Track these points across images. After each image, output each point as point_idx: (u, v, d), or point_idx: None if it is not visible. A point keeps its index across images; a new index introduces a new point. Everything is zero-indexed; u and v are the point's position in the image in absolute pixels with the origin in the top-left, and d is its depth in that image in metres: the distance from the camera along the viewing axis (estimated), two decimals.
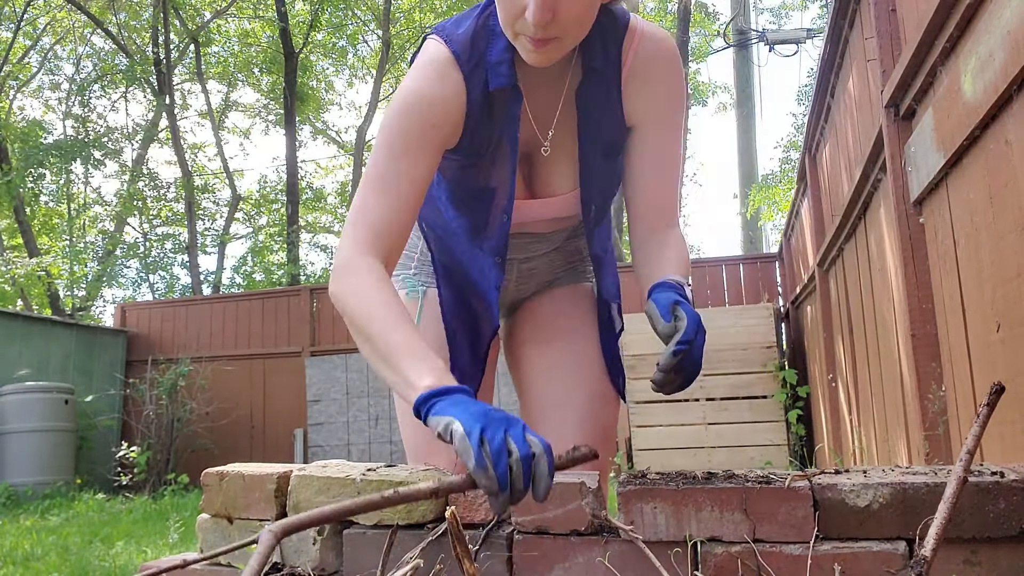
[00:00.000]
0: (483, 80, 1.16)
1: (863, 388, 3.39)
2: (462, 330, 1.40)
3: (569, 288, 1.50)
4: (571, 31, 1.07)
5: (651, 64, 1.22)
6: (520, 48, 1.10)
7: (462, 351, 1.38)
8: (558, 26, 1.04)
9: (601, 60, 1.19)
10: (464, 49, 1.16)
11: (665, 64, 1.22)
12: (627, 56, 1.20)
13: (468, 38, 1.16)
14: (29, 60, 15.79)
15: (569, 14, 1.04)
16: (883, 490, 0.89)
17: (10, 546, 3.93)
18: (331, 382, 7.53)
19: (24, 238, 12.36)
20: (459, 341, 1.39)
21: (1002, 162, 1.43)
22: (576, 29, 1.08)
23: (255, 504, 1.11)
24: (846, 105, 3.32)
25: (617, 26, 1.20)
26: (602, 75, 1.20)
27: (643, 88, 1.22)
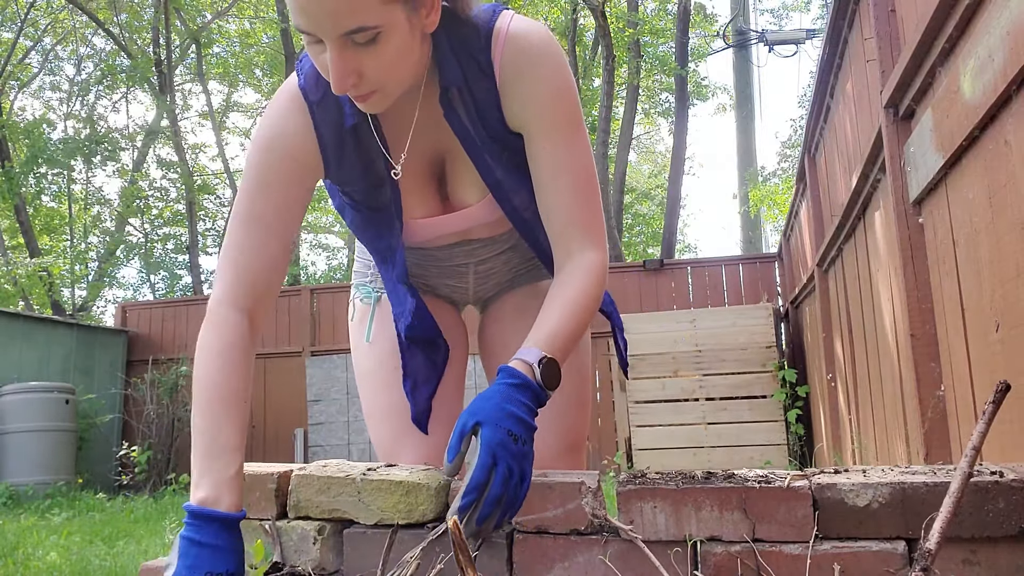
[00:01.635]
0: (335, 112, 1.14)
1: (862, 388, 3.39)
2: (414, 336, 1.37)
3: (531, 287, 1.47)
4: (386, 82, 1.03)
5: (518, 67, 1.11)
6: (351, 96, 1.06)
7: (416, 353, 1.36)
8: (368, 83, 1.01)
9: (459, 78, 1.12)
10: (310, 80, 1.13)
11: (533, 65, 1.11)
12: (496, 63, 1.12)
13: (314, 69, 1.13)
14: (30, 61, 15.80)
15: (376, 70, 1.00)
16: (882, 490, 0.90)
17: (11, 546, 3.93)
18: (331, 382, 7.53)
19: (25, 238, 12.36)
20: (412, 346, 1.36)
21: (1001, 162, 1.43)
22: (391, 77, 1.03)
23: (255, 503, 1.12)
24: (845, 105, 3.32)
25: (480, 36, 1.11)
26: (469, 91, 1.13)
27: (516, 93, 1.12)
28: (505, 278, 1.48)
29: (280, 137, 1.13)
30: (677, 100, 12.05)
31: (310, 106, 1.13)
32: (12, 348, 7.18)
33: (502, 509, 0.92)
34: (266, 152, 1.13)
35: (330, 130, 1.15)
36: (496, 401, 0.96)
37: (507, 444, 0.93)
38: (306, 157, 1.15)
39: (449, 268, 1.42)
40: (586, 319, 1.11)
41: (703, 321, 6.37)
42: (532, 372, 1.00)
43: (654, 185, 21.01)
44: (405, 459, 1.35)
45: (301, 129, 1.14)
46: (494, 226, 1.32)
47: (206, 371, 1.04)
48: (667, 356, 6.36)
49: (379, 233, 1.26)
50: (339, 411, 7.48)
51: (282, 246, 1.13)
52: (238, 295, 1.09)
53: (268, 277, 1.12)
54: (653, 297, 7.42)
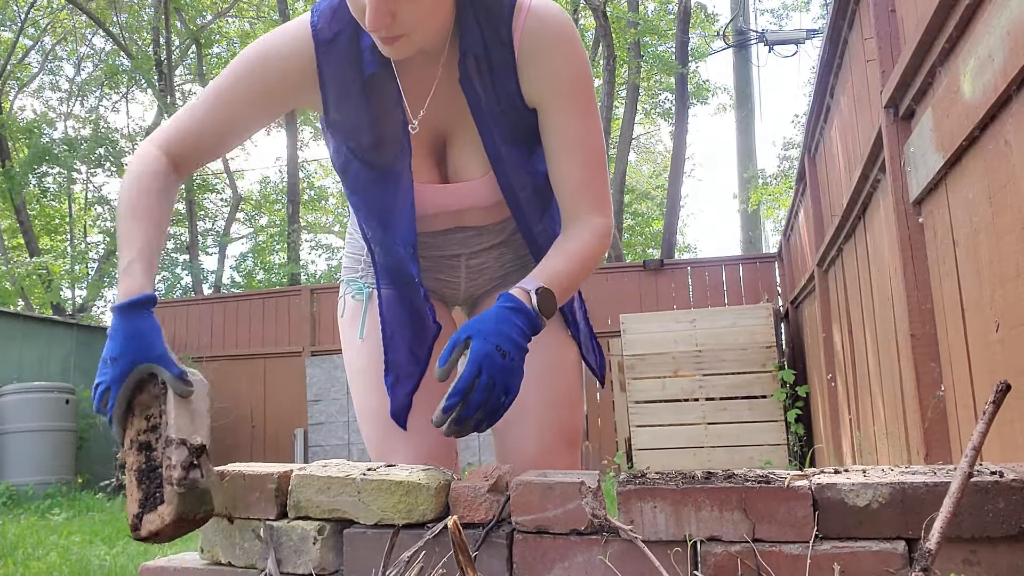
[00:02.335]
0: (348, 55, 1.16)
1: (862, 388, 3.39)
2: (400, 329, 1.38)
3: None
4: (417, 29, 1.06)
5: (539, 42, 1.16)
6: (375, 39, 1.09)
7: (399, 348, 1.36)
8: (401, 25, 1.04)
9: (479, 45, 1.15)
10: (324, 20, 1.16)
11: (554, 40, 1.16)
12: (516, 36, 1.16)
13: (331, 8, 1.17)
14: (29, 61, 15.80)
15: (411, 15, 1.03)
16: (882, 490, 0.90)
17: (11, 545, 3.94)
18: (331, 382, 7.53)
19: (25, 238, 12.36)
20: (396, 339, 1.36)
21: (1001, 162, 1.43)
22: (423, 26, 1.06)
23: (256, 503, 1.12)
24: (845, 105, 3.32)
25: (503, 6, 1.15)
26: (490, 59, 1.16)
27: (536, 68, 1.17)
28: (497, 274, 1.48)
29: (268, 57, 1.18)
30: (677, 100, 12.05)
31: (317, 44, 1.16)
32: (12, 348, 7.18)
33: (482, 414, 1.01)
34: (253, 61, 1.19)
35: (336, 71, 1.17)
36: (491, 319, 1.04)
37: (494, 357, 1.01)
38: (287, 84, 1.19)
39: (441, 260, 1.42)
40: (586, 270, 1.19)
41: (703, 321, 6.37)
42: (529, 299, 1.08)
43: (654, 185, 21.01)
44: (395, 459, 1.34)
45: (293, 60, 1.18)
46: (489, 212, 1.33)
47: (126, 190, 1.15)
48: (667, 356, 6.37)
49: (384, 191, 1.26)
50: (339, 411, 7.49)
51: (231, 134, 1.22)
52: (170, 143, 1.20)
53: (205, 147, 1.21)
54: (653, 297, 7.42)
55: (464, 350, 1.04)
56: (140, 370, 1.04)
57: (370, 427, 1.40)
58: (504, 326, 1.04)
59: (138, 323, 1.04)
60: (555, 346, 1.41)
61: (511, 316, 1.05)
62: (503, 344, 1.02)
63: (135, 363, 1.03)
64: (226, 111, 1.20)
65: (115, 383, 1.02)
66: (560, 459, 1.37)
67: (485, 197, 1.28)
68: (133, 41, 15.17)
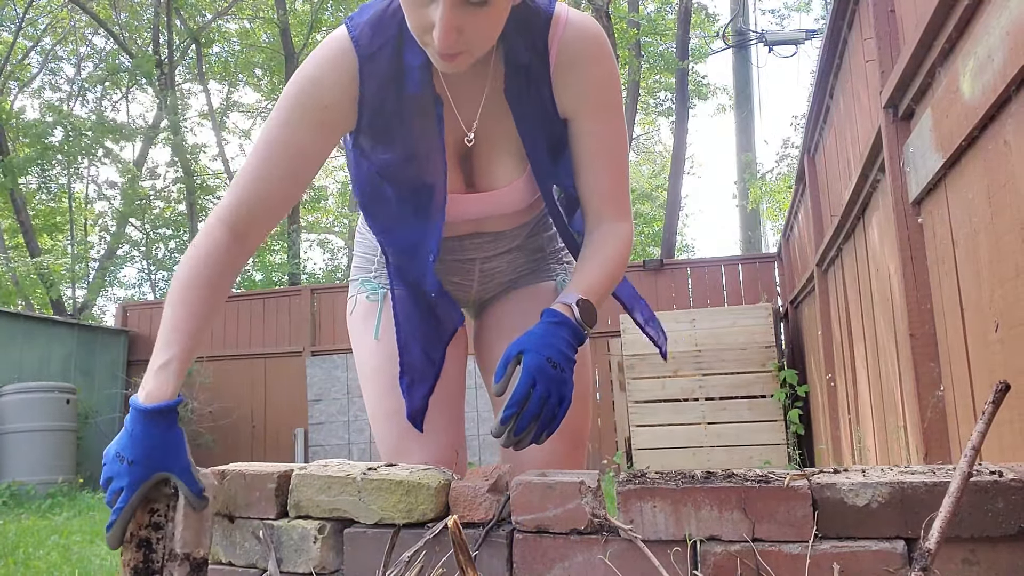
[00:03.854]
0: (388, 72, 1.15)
1: (862, 388, 3.39)
2: (414, 331, 1.38)
3: (531, 288, 1.48)
4: (479, 44, 1.06)
5: (576, 53, 1.19)
6: (430, 55, 1.08)
7: (414, 351, 1.36)
8: (466, 42, 1.04)
9: (525, 55, 1.17)
10: (365, 34, 1.14)
11: (591, 52, 1.20)
12: (552, 48, 1.18)
13: (370, 24, 1.15)
14: (29, 61, 15.79)
15: (476, 31, 1.03)
16: (882, 489, 0.90)
17: (12, 545, 3.94)
18: (332, 381, 7.53)
19: (25, 238, 12.36)
20: (410, 342, 1.37)
21: (1000, 163, 1.43)
22: (485, 42, 1.07)
23: (256, 503, 1.12)
24: (845, 105, 3.33)
25: (540, 19, 1.17)
26: (528, 70, 1.18)
27: (572, 79, 1.20)
28: (507, 278, 1.49)
29: (320, 85, 1.15)
30: (677, 99, 12.05)
31: (360, 59, 1.14)
32: (12, 348, 7.18)
33: (539, 425, 1.05)
34: (302, 95, 1.15)
35: (376, 87, 1.16)
36: (538, 334, 1.09)
37: (545, 369, 1.04)
38: (341, 109, 1.16)
39: (456, 264, 1.43)
40: (616, 277, 1.22)
41: (703, 321, 6.37)
42: (571, 312, 1.11)
43: (654, 185, 21.00)
44: (410, 460, 1.34)
45: (343, 80, 1.15)
46: (508, 218, 1.35)
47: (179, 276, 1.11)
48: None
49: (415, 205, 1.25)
50: (339, 411, 7.49)
51: (293, 184, 1.16)
52: (236, 218, 1.14)
53: (269, 208, 1.16)
54: (653, 297, 7.42)
55: (516, 365, 1.07)
56: (158, 477, 1.00)
57: (384, 428, 1.40)
58: (552, 339, 1.08)
59: (165, 432, 1.01)
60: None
61: (557, 330, 1.09)
62: (553, 356, 1.06)
63: (156, 471, 0.99)
64: (287, 162, 1.15)
65: (131, 488, 0.98)
66: (565, 459, 1.38)
67: (509, 204, 1.30)
68: (133, 41, 15.16)
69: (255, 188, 1.15)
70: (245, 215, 1.15)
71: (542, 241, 1.50)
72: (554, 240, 1.52)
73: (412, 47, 1.14)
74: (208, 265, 1.11)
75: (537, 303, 1.45)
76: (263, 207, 1.16)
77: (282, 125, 1.15)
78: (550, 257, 1.51)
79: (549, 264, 1.51)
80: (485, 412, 6.99)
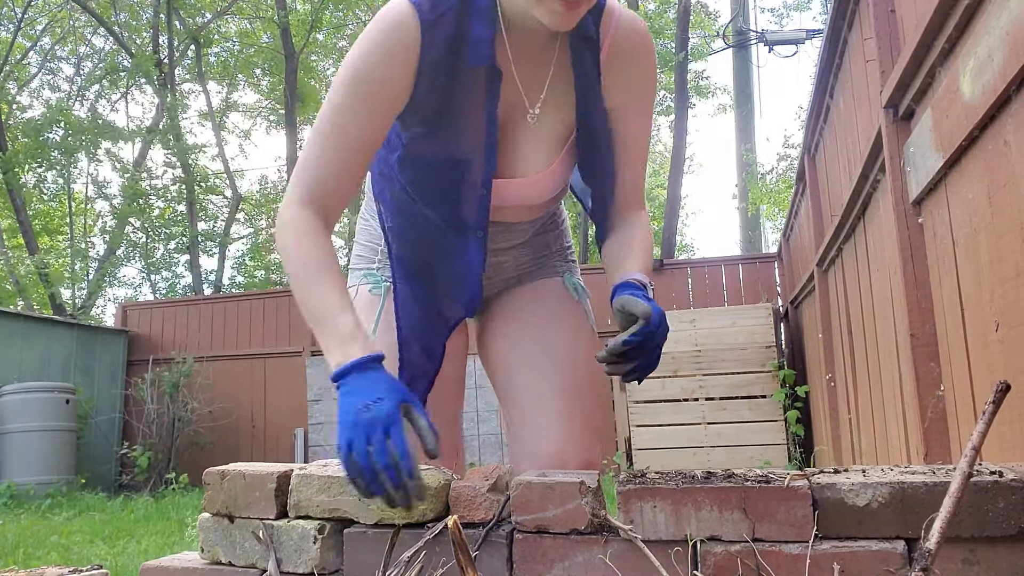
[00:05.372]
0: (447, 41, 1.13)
1: (862, 388, 3.39)
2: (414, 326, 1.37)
3: (537, 284, 1.47)
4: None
5: (630, 47, 1.22)
6: (544, 12, 1.06)
7: (413, 347, 1.35)
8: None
9: (590, 30, 1.19)
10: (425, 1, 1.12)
11: (643, 48, 1.24)
12: (605, 36, 1.20)
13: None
14: (28, 61, 15.79)
15: None
16: (882, 489, 0.90)
17: (12, 545, 3.94)
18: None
19: (25, 237, 12.36)
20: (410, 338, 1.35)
21: (1001, 162, 1.43)
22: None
23: (256, 503, 1.12)
24: (845, 105, 3.33)
25: (594, 9, 1.18)
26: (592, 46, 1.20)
27: (621, 70, 1.22)
28: (511, 275, 1.48)
29: (380, 62, 1.12)
30: (677, 98, 12.04)
31: (422, 25, 1.12)
32: (12, 348, 7.18)
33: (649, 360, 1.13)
34: (362, 74, 1.12)
35: (434, 55, 1.14)
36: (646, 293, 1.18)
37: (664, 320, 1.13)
38: (401, 82, 1.14)
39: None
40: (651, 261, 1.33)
41: (703, 321, 6.37)
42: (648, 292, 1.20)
43: (654, 185, 20.99)
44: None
45: (404, 53, 1.12)
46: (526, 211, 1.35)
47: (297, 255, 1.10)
48: (667, 356, 6.36)
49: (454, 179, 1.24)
50: None
51: (359, 163, 1.16)
52: (315, 197, 1.14)
53: (340, 189, 1.15)
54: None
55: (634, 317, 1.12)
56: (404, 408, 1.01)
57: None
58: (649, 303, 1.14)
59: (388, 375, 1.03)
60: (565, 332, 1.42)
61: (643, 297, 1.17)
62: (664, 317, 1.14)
63: (401, 401, 1.00)
64: (357, 137, 1.14)
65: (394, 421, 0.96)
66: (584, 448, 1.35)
67: (536, 194, 1.31)
68: (132, 41, 15.16)
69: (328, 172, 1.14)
70: (320, 199, 1.14)
71: (548, 239, 1.50)
72: (560, 238, 1.52)
73: (478, 17, 1.13)
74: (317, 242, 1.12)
75: (543, 299, 1.45)
76: (341, 184, 1.15)
77: (343, 109, 1.13)
78: (555, 255, 1.50)
79: (554, 262, 1.50)
80: (485, 412, 6.99)
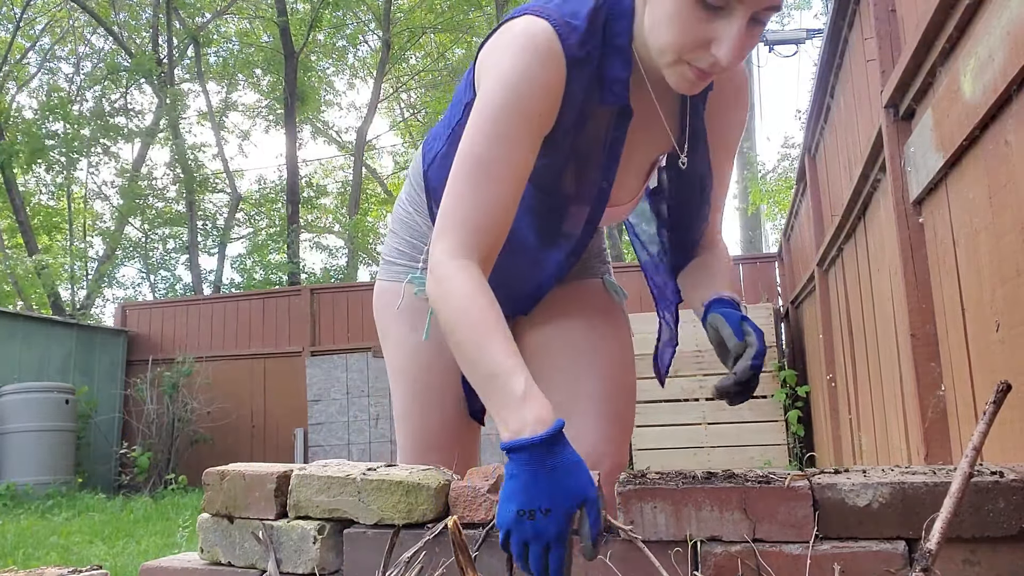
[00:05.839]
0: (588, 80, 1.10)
1: (862, 388, 3.39)
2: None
3: (578, 284, 1.47)
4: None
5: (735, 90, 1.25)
6: (674, 74, 1.04)
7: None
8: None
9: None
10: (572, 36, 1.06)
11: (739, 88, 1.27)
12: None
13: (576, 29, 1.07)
14: (27, 61, 15.79)
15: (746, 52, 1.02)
16: (883, 490, 0.90)
17: (11, 546, 3.94)
18: (331, 382, 7.53)
19: (24, 237, 12.36)
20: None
21: (1001, 162, 1.43)
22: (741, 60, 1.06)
23: (256, 503, 1.12)
24: (846, 105, 3.32)
25: None
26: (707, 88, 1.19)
27: (721, 111, 1.24)
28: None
29: (531, 89, 1.05)
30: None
31: (568, 60, 1.06)
32: (12, 348, 7.18)
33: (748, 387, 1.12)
34: (515, 100, 1.05)
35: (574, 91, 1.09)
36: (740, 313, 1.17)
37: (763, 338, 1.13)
38: (551, 111, 1.08)
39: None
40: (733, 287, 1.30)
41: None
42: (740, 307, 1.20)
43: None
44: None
45: (554, 84, 1.06)
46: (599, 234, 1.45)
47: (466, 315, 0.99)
48: None
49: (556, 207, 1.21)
50: (339, 411, 7.48)
51: (513, 199, 1.07)
52: (471, 246, 1.04)
53: (498, 228, 1.06)
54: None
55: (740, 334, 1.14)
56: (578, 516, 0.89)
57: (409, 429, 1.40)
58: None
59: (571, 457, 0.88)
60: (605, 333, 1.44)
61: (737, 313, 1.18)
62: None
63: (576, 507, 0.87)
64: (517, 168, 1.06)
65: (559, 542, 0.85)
66: (618, 452, 1.38)
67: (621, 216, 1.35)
68: (132, 40, 15.17)
69: (485, 211, 1.04)
70: (479, 245, 1.04)
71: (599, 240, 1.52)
72: (597, 239, 1.52)
73: (615, 59, 1.10)
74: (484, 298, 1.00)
75: (586, 298, 1.45)
76: (498, 230, 1.06)
77: (502, 140, 1.05)
78: (595, 256, 1.51)
79: (593, 263, 1.50)
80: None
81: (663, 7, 1.01)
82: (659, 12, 1.01)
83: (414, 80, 18.85)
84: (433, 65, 18.22)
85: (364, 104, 23.87)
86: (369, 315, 9.17)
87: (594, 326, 1.43)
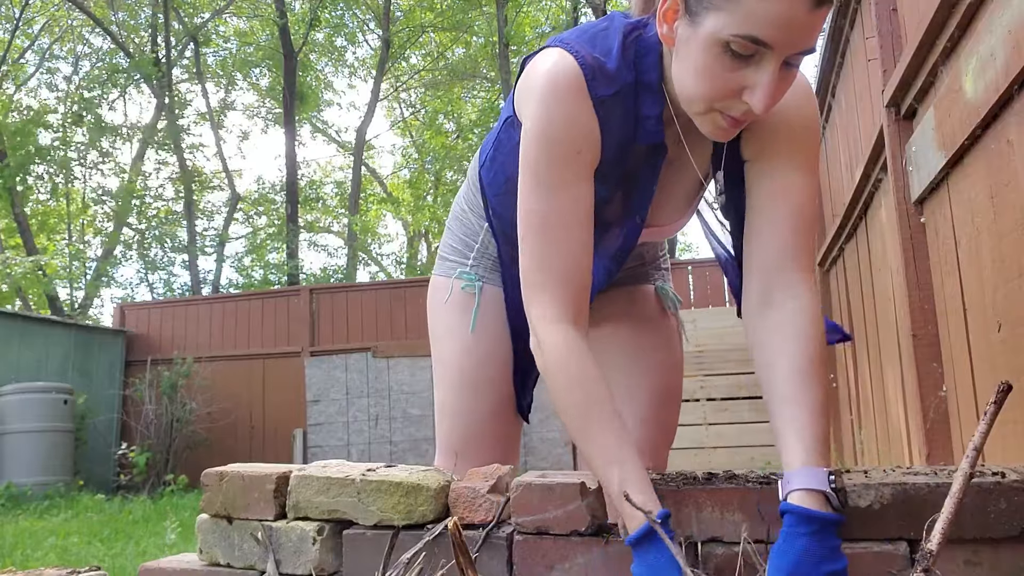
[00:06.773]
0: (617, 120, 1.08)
1: (864, 388, 3.39)
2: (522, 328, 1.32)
3: (630, 289, 1.47)
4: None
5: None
6: (707, 123, 1.00)
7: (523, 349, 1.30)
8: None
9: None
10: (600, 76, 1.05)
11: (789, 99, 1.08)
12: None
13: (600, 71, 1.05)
14: (26, 61, 15.78)
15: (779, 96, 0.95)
16: (884, 490, 0.89)
17: (9, 546, 3.93)
18: (331, 382, 7.53)
19: (23, 237, 12.36)
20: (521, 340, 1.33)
21: (1003, 162, 1.43)
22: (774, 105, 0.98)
23: (254, 504, 1.11)
24: (847, 104, 3.32)
25: None
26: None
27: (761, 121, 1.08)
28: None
29: (562, 131, 1.04)
30: None
31: (595, 100, 1.04)
32: (10, 348, 7.18)
33: None
34: (548, 148, 1.04)
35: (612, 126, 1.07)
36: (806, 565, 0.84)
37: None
38: (594, 148, 1.06)
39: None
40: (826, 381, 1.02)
41: (704, 321, 6.37)
42: (826, 502, 0.88)
43: None
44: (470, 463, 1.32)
45: (585, 119, 1.04)
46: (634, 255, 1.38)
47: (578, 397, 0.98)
48: None
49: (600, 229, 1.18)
50: (338, 411, 7.48)
51: (586, 239, 1.05)
52: (562, 303, 1.02)
53: (581, 274, 1.05)
54: None
55: None
56: None
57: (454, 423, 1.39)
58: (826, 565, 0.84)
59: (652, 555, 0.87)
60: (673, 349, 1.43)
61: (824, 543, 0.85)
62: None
63: None
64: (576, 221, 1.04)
65: None
66: (659, 452, 1.39)
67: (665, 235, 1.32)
68: (131, 40, 15.16)
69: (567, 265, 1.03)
70: (572, 304, 1.03)
71: (641, 250, 1.48)
72: (653, 247, 1.50)
73: (648, 97, 1.07)
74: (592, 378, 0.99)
75: (638, 303, 1.45)
76: (582, 278, 1.04)
77: (559, 189, 1.04)
78: (648, 264, 1.50)
79: (647, 270, 1.50)
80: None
81: (690, 59, 0.96)
82: (687, 63, 0.97)
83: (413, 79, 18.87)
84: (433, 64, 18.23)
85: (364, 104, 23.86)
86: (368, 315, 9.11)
87: (648, 336, 1.43)
